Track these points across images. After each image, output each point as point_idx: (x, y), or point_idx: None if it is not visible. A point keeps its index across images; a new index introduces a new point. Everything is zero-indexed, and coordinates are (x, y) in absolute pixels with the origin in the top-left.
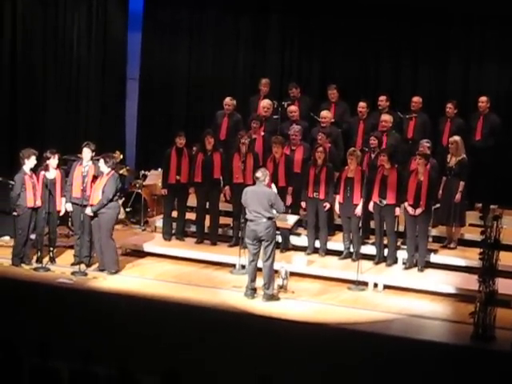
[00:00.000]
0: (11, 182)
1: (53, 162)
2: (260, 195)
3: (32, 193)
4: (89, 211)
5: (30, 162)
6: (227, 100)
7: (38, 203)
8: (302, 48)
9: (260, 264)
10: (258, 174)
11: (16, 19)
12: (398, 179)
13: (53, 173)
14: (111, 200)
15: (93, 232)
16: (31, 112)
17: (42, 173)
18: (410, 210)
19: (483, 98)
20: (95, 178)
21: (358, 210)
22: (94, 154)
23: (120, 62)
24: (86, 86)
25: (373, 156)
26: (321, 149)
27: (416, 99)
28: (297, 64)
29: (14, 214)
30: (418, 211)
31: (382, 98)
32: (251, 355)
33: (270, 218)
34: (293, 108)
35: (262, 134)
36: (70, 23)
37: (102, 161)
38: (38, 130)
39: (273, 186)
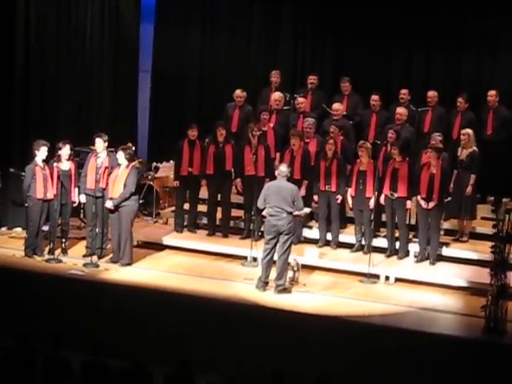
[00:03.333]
0: (23, 174)
1: (64, 152)
2: (283, 190)
3: (42, 184)
4: (110, 204)
5: (41, 154)
6: (238, 92)
7: (50, 195)
8: (315, 40)
9: (275, 257)
10: (283, 168)
11: (29, 12)
12: (409, 172)
13: (66, 164)
14: (133, 193)
15: (111, 225)
16: (43, 104)
17: (55, 164)
18: (423, 203)
19: (492, 92)
20: (106, 169)
21: (371, 203)
22: (106, 144)
23: (132, 54)
24: (99, 79)
25: (389, 149)
26: (331, 141)
27: (432, 94)
28: (309, 56)
29: (26, 205)
30: (431, 205)
31: (404, 91)
32: (262, 348)
33: (290, 213)
34: (301, 100)
35: (272, 125)
36: (82, 15)
37: (120, 153)
38: (50, 122)
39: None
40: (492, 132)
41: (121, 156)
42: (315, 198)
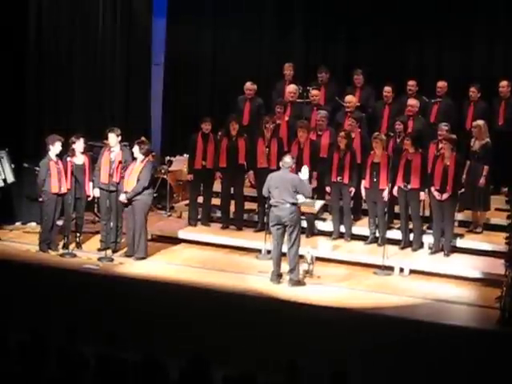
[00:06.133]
0: (37, 169)
1: (78, 146)
2: (285, 181)
3: (57, 179)
4: (123, 198)
5: (55, 148)
6: (248, 85)
7: (64, 189)
8: (327, 32)
9: (285, 249)
10: (288, 159)
11: (41, 5)
12: (421, 163)
13: (80, 158)
14: (146, 187)
15: (126, 219)
16: (56, 99)
17: (69, 159)
18: (437, 194)
19: (504, 83)
20: (120, 163)
21: (385, 195)
22: (119, 138)
23: (145, 48)
24: (111, 72)
25: (398, 140)
26: (342, 134)
27: (441, 84)
28: (321, 48)
29: (40, 200)
30: (445, 196)
31: (412, 82)
32: (277, 340)
33: (293, 204)
34: (315, 92)
35: (287, 118)
36: (95, 9)
37: (136, 147)
38: (63, 117)
39: (305, 168)
40: (504, 123)
41: (136, 150)
42: (327, 189)
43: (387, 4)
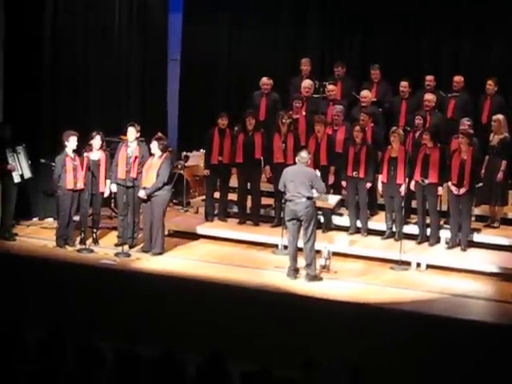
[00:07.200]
0: (53, 164)
1: (95, 142)
2: (301, 175)
3: (72, 175)
4: (142, 194)
5: (70, 144)
6: (264, 80)
7: (80, 185)
8: (343, 27)
9: (300, 244)
10: (304, 154)
11: (57, 3)
12: (440, 158)
13: (97, 154)
14: (166, 183)
15: (143, 214)
16: (72, 94)
17: (85, 154)
18: (454, 189)
19: None
20: (136, 158)
21: (402, 190)
22: (138, 134)
23: (161, 44)
24: (128, 69)
25: (417, 135)
26: (357, 128)
27: (458, 79)
28: (338, 43)
29: (56, 195)
30: (462, 191)
31: (430, 77)
32: (293, 335)
33: (309, 198)
34: (331, 87)
35: (304, 113)
36: (110, 5)
37: (154, 143)
38: (79, 112)
39: (317, 171)
40: None
41: (154, 146)
42: (343, 184)
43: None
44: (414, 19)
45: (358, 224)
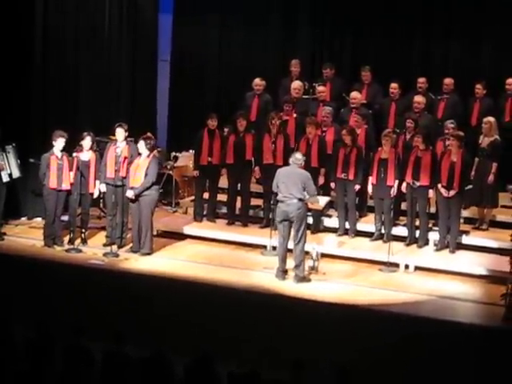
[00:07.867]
0: (39, 163)
1: (85, 143)
2: (293, 176)
3: (56, 174)
4: (130, 194)
5: (58, 144)
6: (257, 81)
7: (66, 186)
8: (333, 29)
9: (290, 245)
10: (298, 155)
11: (47, 3)
12: (432, 161)
13: (87, 155)
14: (154, 183)
15: (132, 214)
16: (62, 94)
17: (74, 154)
18: (444, 191)
19: (510, 80)
20: (126, 158)
21: (392, 192)
22: (127, 134)
23: (151, 44)
24: (118, 69)
25: (408, 137)
26: (344, 131)
27: (448, 81)
28: (328, 45)
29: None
30: (452, 193)
31: (422, 79)
32: (282, 337)
33: (300, 200)
34: (321, 88)
35: (295, 115)
36: (101, 5)
37: (141, 142)
38: (69, 112)
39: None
40: (510, 119)
41: (142, 146)
42: (332, 185)
43: (394, 1)
44: (404, 21)
45: (347, 225)
